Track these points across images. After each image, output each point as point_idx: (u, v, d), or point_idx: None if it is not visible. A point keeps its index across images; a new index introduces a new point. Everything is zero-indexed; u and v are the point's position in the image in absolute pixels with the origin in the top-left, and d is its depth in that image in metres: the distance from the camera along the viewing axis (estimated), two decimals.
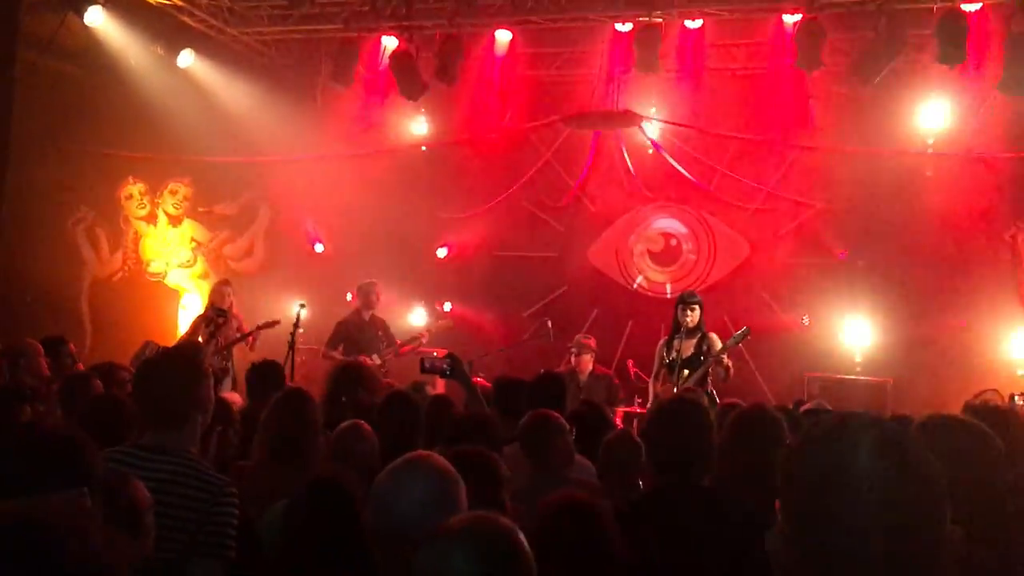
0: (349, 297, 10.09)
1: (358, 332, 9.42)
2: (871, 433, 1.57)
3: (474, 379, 8.70)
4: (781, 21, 9.54)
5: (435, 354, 6.49)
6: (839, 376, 9.75)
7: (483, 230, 11.63)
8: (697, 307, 7.76)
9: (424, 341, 9.61)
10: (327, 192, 11.61)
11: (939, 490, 1.55)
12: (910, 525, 1.51)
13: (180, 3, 10.13)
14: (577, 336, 8.99)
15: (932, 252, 9.91)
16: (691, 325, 7.67)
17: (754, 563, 2.14)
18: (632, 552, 2.79)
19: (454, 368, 5.24)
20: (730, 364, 7.56)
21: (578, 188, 11.46)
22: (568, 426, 4.35)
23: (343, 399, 4.46)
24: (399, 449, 2.61)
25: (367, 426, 4.02)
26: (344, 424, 4.10)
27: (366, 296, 9.58)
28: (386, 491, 2.29)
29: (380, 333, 9.53)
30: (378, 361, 9.02)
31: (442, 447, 3.44)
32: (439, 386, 7.64)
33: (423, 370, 5.59)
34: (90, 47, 10.06)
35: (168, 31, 10.42)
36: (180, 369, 3.21)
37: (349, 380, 4.67)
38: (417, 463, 2.35)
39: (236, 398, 5.46)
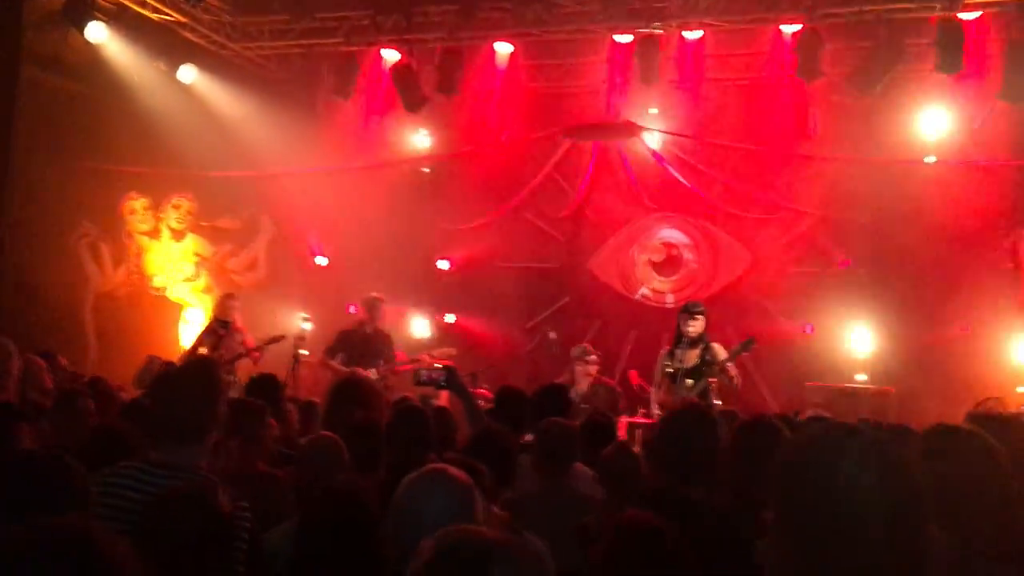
0: (352, 310, 10.09)
1: (360, 344, 9.39)
2: (855, 442, 1.60)
3: (477, 391, 8.76)
4: (780, 31, 9.58)
5: (435, 365, 6.48)
6: (842, 385, 9.74)
7: (485, 242, 11.65)
8: (701, 317, 7.75)
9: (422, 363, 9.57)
10: (329, 205, 11.64)
11: (923, 496, 1.57)
12: (894, 531, 1.54)
13: (182, 19, 10.19)
14: (577, 347, 8.98)
15: (934, 260, 9.92)
16: (694, 335, 7.67)
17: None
18: None
19: (450, 380, 5.25)
20: (735, 374, 7.56)
21: (580, 199, 11.49)
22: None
23: (339, 416, 4.46)
24: (410, 462, 2.62)
25: (336, 437, 4.07)
26: (313, 436, 4.14)
27: (372, 310, 9.53)
28: (408, 502, 2.32)
29: (382, 347, 9.50)
30: (375, 376, 8.97)
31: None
32: (442, 399, 7.64)
33: (418, 382, 5.58)
34: (92, 63, 10.11)
35: (170, 47, 10.47)
36: (199, 385, 3.19)
37: (346, 397, 4.67)
38: (440, 475, 2.39)
39: None
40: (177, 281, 12.15)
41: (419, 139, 11.92)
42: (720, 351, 7.68)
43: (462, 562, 1.58)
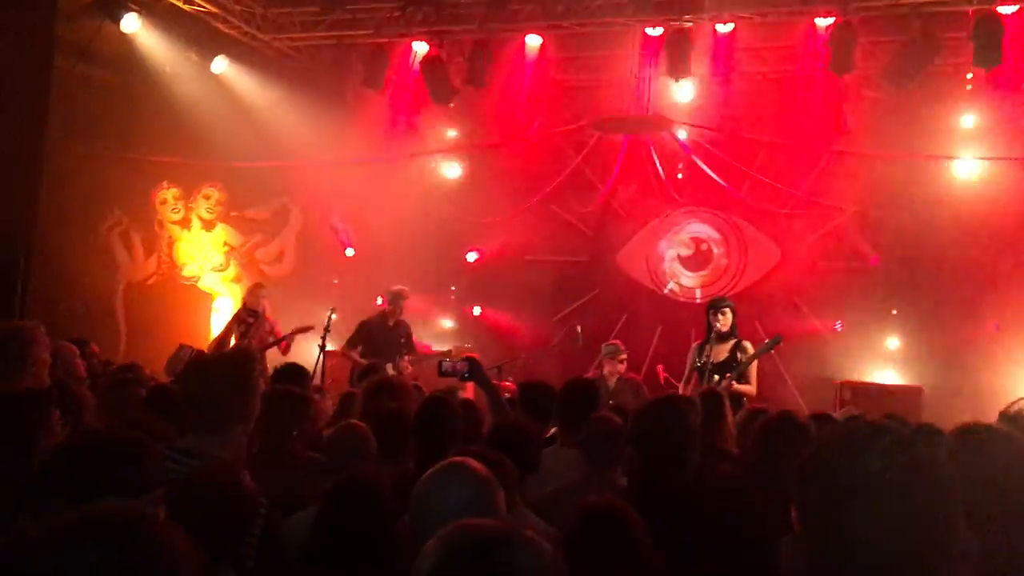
0: (379, 301, 10.12)
1: (380, 336, 9.42)
2: (882, 439, 1.59)
3: (503, 383, 8.76)
4: (813, 24, 9.45)
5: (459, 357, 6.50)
6: (872, 382, 9.65)
7: (513, 235, 11.64)
8: (728, 311, 7.68)
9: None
10: (358, 197, 11.68)
11: (950, 494, 1.55)
12: (921, 529, 1.53)
13: (214, 10, 10.24)
14: (605, 343, 8.95)
15: (966, 257, 9.78)
16: (723, 329, 7.60)
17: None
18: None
19: (472, 371, 5.24)
20: (727, 384, 7.36)
21: (608, 193, 11.44)
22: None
23: (372, 407, 4.50)
24: (435, 454, 2.62)
25: (362, 426, 4.07)
26: (340, 425, 4.14)
27: (394, 302, 9.57)
28: (427, 495, 2.33)
29: (402, 340, 9.51)
30: (392, 371, 8.95)
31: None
32: (468, 391, 7.64)
33: (441, 373, 5.59)
34: (126, 54, 10.20)
35: (202, 38, 10.54)
36: (228, 376, 3.20)
37: (377, 390, 4.71)
38: (457, 468, 2.39)
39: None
40: (207, 270, 12.26)
41: (448, 131, 11.91)
42: (750, 349, 7.61)
43: (468, 552, 1.56)
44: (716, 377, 7.34)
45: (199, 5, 10.13)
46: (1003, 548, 2.34)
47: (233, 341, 9.49)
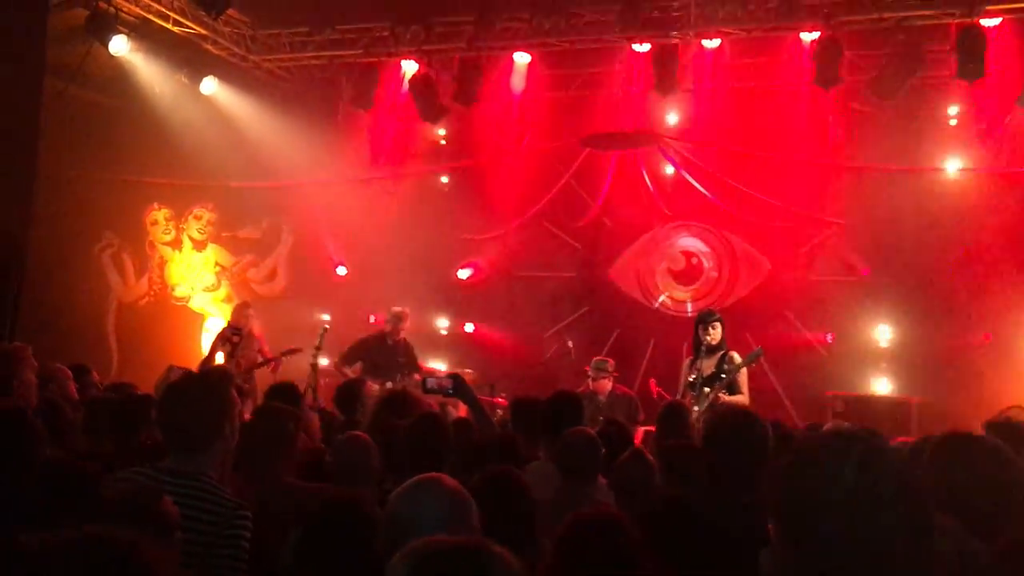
0: (372, 319, 10.12)
1: (380, 355, 9.39)
2: (857, 448, 1.58)
3: (495, 400, 8.77)
4: (799, 39, 9.54)
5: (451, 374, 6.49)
6: (863, 394, 9.67)
7: (504, 251, 11.68)
8: (718, 324, 7.69)
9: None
10: (349, 215, 11.70)
11: (925, 503, 1.56)
12: (897, 539, 1.52)
13: (203, 31, 10.30)
14: (595, 359, 8.96)
15: (955, 268, 9.81)
16: (713, 343, 7.62)
17: None
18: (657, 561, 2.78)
19: (457, 388, 5.24)
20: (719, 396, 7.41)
21: (598, 208, 11.47)
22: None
23: (379, 423, 4.50)
24: (426, 471, 2.63)
25: (365, 436, 4.07)
26: (343, 436, 4.14)
27: (395, 323, 9.53)
28: (399, 512, 2.32)
29: (402, 359, 9.50)
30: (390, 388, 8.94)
31: (467, 471, 3.46)
32: (461, 409, 7.64)
33: (425, 390, 5.59)
34: (116, 76, 10.24)
35: (192, 59, 10.58)
36: (206, 395, 3.23)
37: (386, 406, 4.72)
38: (428, 484, 2.38)
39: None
40: (198, 291, 12.26)
41: (437, 150, 11.96)
42: (738, 359, 7.62)
43: (436, 567, 1.57)
44: (706, 390, 7.35)
45: (188, 27, 10.19)
46: (987, 550, 2.35)
47: (220, 360, 9.50)
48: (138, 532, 1.55)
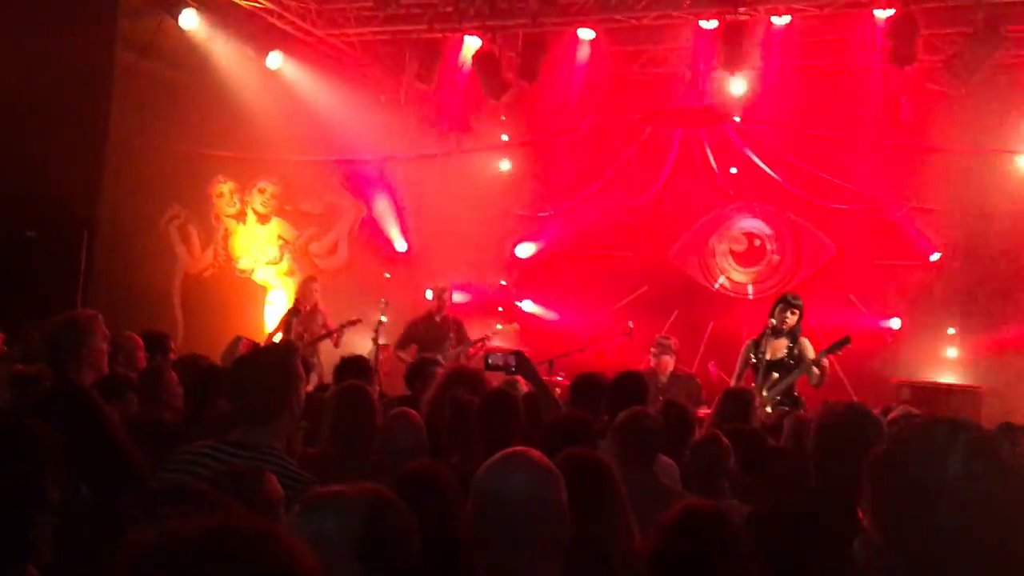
0: (430, 295, 10.18)
1: (428, 332, 9.52)
2: (962, 437, 1.55)
3: (553, 378, 8.76)
4: (872, 16, 9.28)
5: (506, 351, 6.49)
6: (930, 382, 9.47)
7: (564, 229, 11.64)
8: (798, 311, 7.57)
9: (488, 342, 9.61)
10: (411, 191, 11.76)
11: None
12: (1007, 530, 1.49)
13: (269, 5, 10.36)
14: (658, 336, 8.90)
15: None
16: (785, 327, 7.50)
17: None
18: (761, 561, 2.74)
19: (520, 365, 5.23)
20: (826, 365, 7.36)
21: (661, 187, 11.35)
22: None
23: (444, 398, 4.51)
24: (499, 447, 2.63)
25: (414, 414, 4.08)
26: (393, 411, 4.17)
27: (438, 298, 9.73)
28: (490, 484, 2.33)
29: (452, 334, 9.57)
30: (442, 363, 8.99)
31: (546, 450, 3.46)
32: (524, 385, 7.64)
33: (487, 367, 5.61)
34: (185, 50, 10.37)
35: (258, 33, 10.68)
36: (273, 368, 3.25)
37: (456, 380, 4.74)
38: (519, 457, 2.39)
39: None
40: (261, 263, 12.41)
41: (500, 126, 11.93)
42: (808, 347, 7.48)
43: None
44: (775, 375, 7.24)
45: (255, 1, 10.27)
46: None
47: (283, 335, 9.66)
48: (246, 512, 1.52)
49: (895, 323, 10.09)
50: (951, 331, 9.92)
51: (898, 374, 9.56)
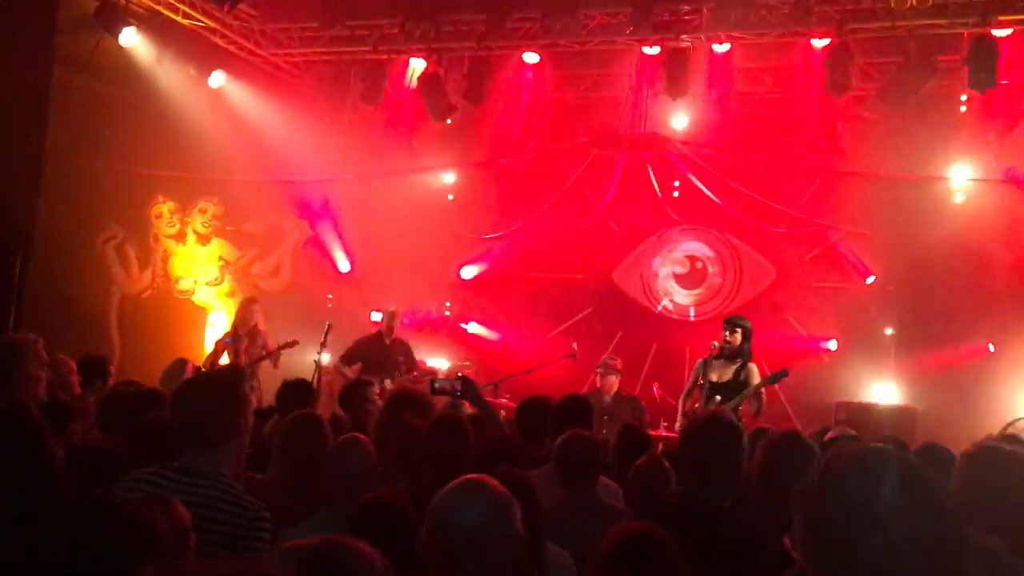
0: (377, 317, 10.13)
1: (378, 354, 9.48)
2: (894, 467, 1.54)
3: (498, 401, 8.75)
4: (810, 45, 9.52)
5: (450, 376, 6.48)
6: (867, 402, 9.66)
7: (509, 251, 11.67)
8: (739, 332, 7.66)
9: (438, 375, 9.58)
10: (355, 212, 11.69)
11: (962, 526, 1.52)
12: (936, 561, 1.48)
13: (212, 24, 10.27)
14: (604, 357, 8.96)
15: (961, 278, 9.82)
16: (732, 347, 7.58)
17: None
18: None
19: (466, 390, 5.22)
20: (763, 398, 7.48)
21: (604, 210, 11.46)
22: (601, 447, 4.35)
23: (393, 422, 4.47)
24: (447, 472, 2.61)
25: (364, 439, 4.06)
26: (343, 437, 4.12)
27: (388, 322, 9.73)
28: (446, 512, 2.32)
29: (400, 358, 9.55)
30: (390, 386, 8.95)
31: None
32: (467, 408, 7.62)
33: (433, 391, 5.57)
34: (124, 67, 10.18)
35: (200, 52, 10.54)
36: (220, 392, 3.20)
37: (402, 404, 4.69)
38: (476, 485, 2.38)
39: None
40: (201, 284, 12.21)
41: (445, 148, 11.94)
42: (755, 374, 7.58)
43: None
44: (718, 398, 7.32)
45: (197, 20, 10.16)
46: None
47: (225, 358, 9.50)
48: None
49: (832, 344, 10.29)
50: (887, 353, 10.14)
51: (835, 395, 9.73)
